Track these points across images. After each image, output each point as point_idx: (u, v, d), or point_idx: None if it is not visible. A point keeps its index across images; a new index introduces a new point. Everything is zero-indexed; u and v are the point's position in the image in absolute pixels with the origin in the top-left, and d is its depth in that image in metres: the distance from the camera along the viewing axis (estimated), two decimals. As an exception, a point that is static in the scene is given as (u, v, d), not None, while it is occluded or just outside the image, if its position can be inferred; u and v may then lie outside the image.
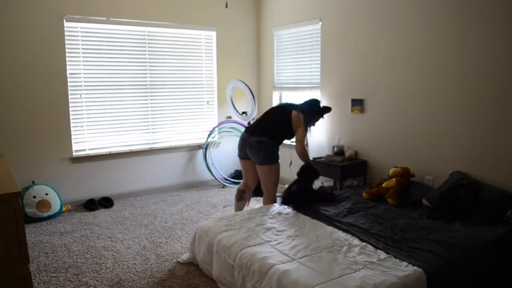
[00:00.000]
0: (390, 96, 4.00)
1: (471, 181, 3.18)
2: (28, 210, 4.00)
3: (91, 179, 4.66)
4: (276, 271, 2.25)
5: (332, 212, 3.16)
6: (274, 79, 5.56)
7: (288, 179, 5.43)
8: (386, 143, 4.09)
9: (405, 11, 3.77)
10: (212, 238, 2.84)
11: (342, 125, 4.57)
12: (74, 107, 4.49)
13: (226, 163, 5.65)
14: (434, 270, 2.23)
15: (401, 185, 3.47)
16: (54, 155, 4.40)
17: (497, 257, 2.59)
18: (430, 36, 3.58)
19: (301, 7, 4.96)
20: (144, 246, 3.44)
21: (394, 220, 2.98)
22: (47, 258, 3.21)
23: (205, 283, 2.80)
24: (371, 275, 2.15)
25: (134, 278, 2.87)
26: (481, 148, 3.30)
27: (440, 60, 3.52)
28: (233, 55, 5.58)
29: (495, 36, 3.14)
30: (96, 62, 4.56)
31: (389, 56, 3.96)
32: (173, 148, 5.19)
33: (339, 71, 4.54)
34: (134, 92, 4.86)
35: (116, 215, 4.26)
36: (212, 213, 4.30)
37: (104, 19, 4.53)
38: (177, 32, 5.08)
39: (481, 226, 2.80)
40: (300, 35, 5.05)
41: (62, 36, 4.31)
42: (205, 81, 5.40)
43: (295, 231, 2.82)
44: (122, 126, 4.83)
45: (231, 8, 5.47)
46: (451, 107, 3.48)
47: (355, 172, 4.23)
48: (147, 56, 4.90)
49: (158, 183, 5.14)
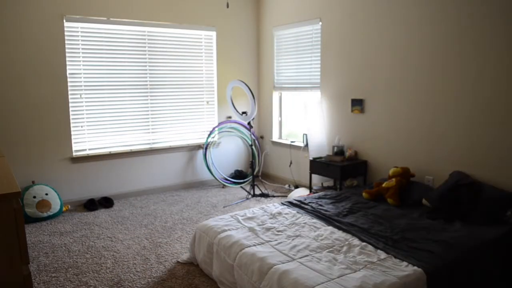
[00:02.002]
0: (390, 96, 4.00)
1: (471, 181, 3.18)
2: (28, 210, 4.00)
3: (91, 179, 4.66)
4: (276, 271, 2.25)
5: (332, 212, 3.17)
6: (274, 79, 5.56)
7: (288, 179, 5.44)
8: (386, 143, 4.09)
9: (405, 11, 3.77)
10: (212, 238, 2.84)
11: (342, 125, 4.57)
12: (74, 107, 4.49)
13: (226, 163, 5.65)
14: (434, 270, 2.23)
15: (401, 185, 3.47)
16: (54, 155, 4.40)
17: (497, 257, 2.59)
18: (430, 36, 3.58)
19: (301, 7, 4.96)
20: (144, 246, 3.44)
21: (394, 220, 2.99)
22: (47, 258, 3.20)
23: (205, 283, 2.80)
24: (371, 275, 2.15)
25: (134, 278, 2.87)
26: (481, 148, 3.30)
27: (440, 60, 3.52)
28: (233, 55, 5.58)
29: (495, 35, 3.14)
30: (96, 62, 4.56)
31: (389, 56, 3.96)
32: (173, 148, 5.19)
33: (339, 71, 4.54)
34: (134, 92, 4.86)
35: (116, 215, 4.26)
36: (212, 213, 4.30)
37: (104, 19, 4.53)
38: (177, 32, 5.08)
39: (481, 226, 2.80)
40: (300, 35, 5.05)
41: (62, 36, 4.31)
42: (205, 81, 5.40)
43: (295, 231, 2.82)
44: (122, 126, 4.83)
45: (231, 8, 5.47)
46: (451, 107, 3.48)
47: (355, 172, 4.23)
48: (147, 56, 4.90)
49: (158, 183, 5.14)
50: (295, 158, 5.30)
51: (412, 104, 3.80)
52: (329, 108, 4.71)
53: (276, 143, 5.63)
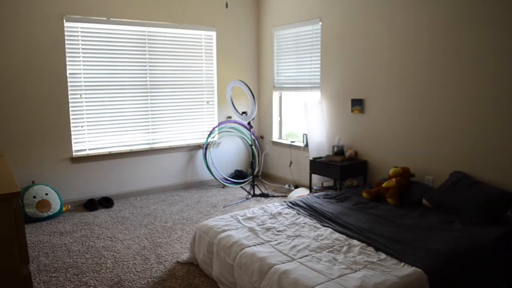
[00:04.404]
0: (390, 96, 4.00)
1: (471, 181, 3.18)
2: (28, 210, 4.00)
3: (91, 179, 4.65)
4: (276, 271, 2.25)
5: (333, 212, 3.17)
6: (274, 79, 5.56)
7: (288, 179, 5.44)
8: (386, 143, 4.09)
9: (405, 11, 3.77)
10: (212, 238, 2.84)
11: (342, 125, 4.57)
12: (74, 107, 4.49)
13: (226, 163, 5.65)
14: (434, 270, 2.23)
15: (401, 185, 3.47)
16: (54, 155, 4.40)
17: (497, 256, 2.59)
18: (430, 35, 3.58)
19: (301, 7, 4.96)
20: (144, 246, 3.44)
21: (394, 221, 2.98)
22: (47, 258, 3.20)
23: (205, 283, 2.80)
24: (371, 275, 2.15)
25: (134, 278, 2.87)
26: (481, 148, 3.30)
27: (440, 60, 3.52)
28: (233, 55, 5.58)
29: (495, 35, 3.14)
30: (96, 62, 4.56)
31: (389, 56, 3.96)
32: (173, 148, 5.19)
33: (339, 71, 4.54)
34: (134, 92, 4.86)
35: (116, 215, 4.26)
36: (212, 213, 4.30)
37: (104, 19, 4.53)
38: (177, 32, 5.08)
39: (481, 226, 2.80)
40: (300, 35, 5.05)
41: (62, 36, 4.31)
42: (205, 81, 5.40)
43: (295, 231, 2.82)
44: (122, 126, 4.83)
45: (231, 8, 5.47)
46: (451, 107, 3.48)
47: (355, 172, 4.23)
48: (147, 56, 4.90)
49: (158, 183, 5.14)
50: (295, 158, 5.30)
51: (412, 104, 3.80)
52: (329, 108, 4.71)
53: (276, 143, 5.63)
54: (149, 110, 4.98)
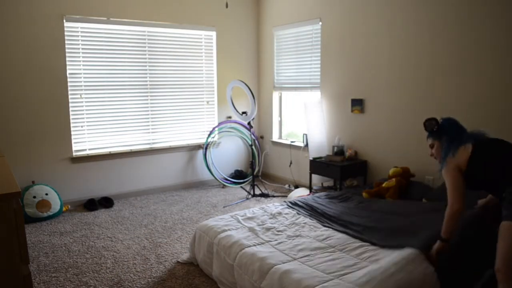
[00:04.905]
0: (390, 96, 4.00)
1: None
2: (28, 210, 4.00)
3: (91, 179, 4.65)
4: (277, 270, 2.25)
5: (333, 212, 3.16)
6: (274, 79, 5.56)
7: (288, 179, 5.44)
8: (386, 143, 4.09)
9: (405, 11, 3.77)
10: (212, 238, 2.84)
11: (342, 125, 4.57)
12: (74, 107, 4.49)
13: (226, 163, 5.65)
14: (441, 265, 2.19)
15: (401, 185, 3.47)
16: (54, 155, 4.40)
17: None
18: (430, 35, 3.58)
19: (301, 7, 4.96)
20: (144, 246, 3.44)
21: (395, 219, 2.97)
22: (47, 258, 3.20)
23: (205, 283, 2.80)
24: (375, 271, 2.13)
25: (134, 278, 2.87)
26: (481, 148, 3.29)
27: (440, 59, 3.52)
28: (233, 55, 5.58)
29: (495, 34, 3.14)
30: (96, 62, 4.56)
31: (389, 56, 3.96)
32: (173, 148, 5.19)
33: (339, 71, 4.54)
34: (134, 92, 4.86)
35: (116, 215, 4.26)
36: (212, 213, 4.30)
37: (104, 19, 4.53)
38: (177, 32, 5.08)
39: None
40: (300, 35, 5.05)
41: (62, 36, 4.31)
42: (205, 81, 5.40)
43: (295, 231, 2.82)
44: (122, 126, 4.83)
45: (231, 8, 5.47)
46: (451, 107, 3.48)
47: (355, 172, 4.23)
48: (147, 56, 4.90)
49: (158, 183, 5.14)
50: (295, 158, 5.30)
51: (412, 104, 3.80)
52: (329, 108, 4.71)
53: (276, 143, 5.63)
54: (149, 110, 4.98)
